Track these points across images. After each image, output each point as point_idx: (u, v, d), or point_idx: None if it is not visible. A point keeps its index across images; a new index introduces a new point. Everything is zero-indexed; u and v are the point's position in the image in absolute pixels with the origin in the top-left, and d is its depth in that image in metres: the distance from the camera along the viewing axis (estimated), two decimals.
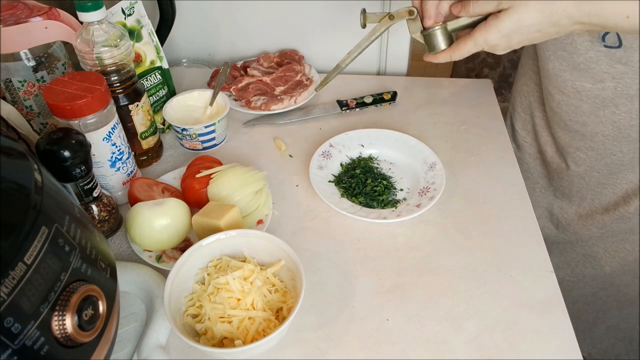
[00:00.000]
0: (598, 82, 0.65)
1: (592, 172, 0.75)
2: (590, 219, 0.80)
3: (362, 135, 0.81)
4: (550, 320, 0.56)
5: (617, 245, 0.79)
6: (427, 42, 0.59)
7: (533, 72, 0.81)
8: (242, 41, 1.04)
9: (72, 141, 0.57)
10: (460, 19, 0.56)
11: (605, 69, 0.63)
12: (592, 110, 0.68)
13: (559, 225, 0.85)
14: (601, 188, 0.76)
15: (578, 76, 0.67)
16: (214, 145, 0.82)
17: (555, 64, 0.69)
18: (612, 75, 0.63)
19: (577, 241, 0.83)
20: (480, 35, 0.54)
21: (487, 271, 0.62)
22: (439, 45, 0.59)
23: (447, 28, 0.58)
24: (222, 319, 0.51)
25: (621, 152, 0.70)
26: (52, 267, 0.33)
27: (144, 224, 0.61)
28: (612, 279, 0.82)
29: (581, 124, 0.71)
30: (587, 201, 0.79)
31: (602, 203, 0.78)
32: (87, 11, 0.62)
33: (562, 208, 0.84)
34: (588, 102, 0.68)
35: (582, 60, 0.65)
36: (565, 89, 0.69)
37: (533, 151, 0.87)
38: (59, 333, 0.33)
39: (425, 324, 0.56)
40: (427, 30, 0.58)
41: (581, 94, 0.68)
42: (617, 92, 0.64)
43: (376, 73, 1.05)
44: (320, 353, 0.53)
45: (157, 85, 0.83)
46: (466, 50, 0.56)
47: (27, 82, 0.69)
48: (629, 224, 0.75)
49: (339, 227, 0.68)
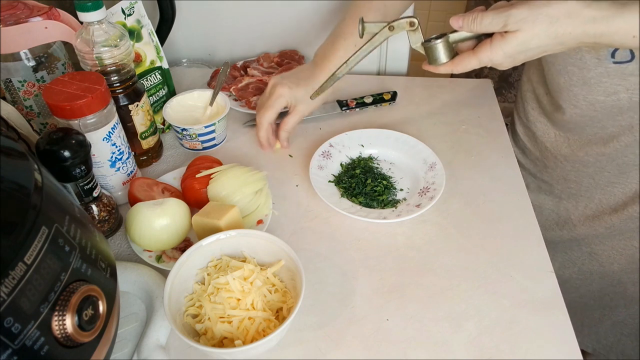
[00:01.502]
0: (612, 95, 0.64)
1: (603, 172, 0.75)
2: (597, 219, 0.79)
3: (362, 135, 0.81)
4: (550, 320, 0.56)
5: (624, 243, 0.78)
6: (428, 54, 0.58)
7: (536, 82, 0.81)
8: (242, 41, 1.04)
9: (72, 141, 0.57)
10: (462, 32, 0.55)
11: (617, 82, 0.63)
12: (609, 117, 0.68)
13: (564, 225, 0.85)
14: (611, 187, 0.76)
15: (589, 91, 0.66)
16: (214, 145, 0.82)
17: (566, 79, 0.68)
18: (625, 87, 0.63)
19: (583, 240, 0.83)
20: (485, 54, 0.53)
21: (487, 271, 0.62)
22: (440, 58, 0.57)
23: (449, 41, 0.56)
24: (222, 319, 0.51)
25: (634, 154, 0.70)
26: (52, 267, 0.33)
27: (144, 224, 0.61)
28: (619, 277, 0.82)
29: (600, 127, 0.70)
30: (595, 201, 0.79)
31: (610, 203, 0.77)
32: (87, 11, 0.62)
33: (568, 209, 0.83)
34: (603, 112, 0.67)
35: (592, 75, 0.64)
36: (578, 102, 0.69)
37: (534, 157, 0.87)
38: (59, 333, 0.33)
39: (425, 324, 0.56)
40: (429, 43, 0.57)
41: (595, 105, 0.67)
42: (632, 102, 0.64)
43: (376, 73, 1.05)
44: (320, 353, 0.53)
45: (157, 85, 0.83)
46: (469, 67, 0.55)
47: (27, 82, 0.69)
48: (637, 223, 0.75)
49: (339, 227, 0.68)
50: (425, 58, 0.59)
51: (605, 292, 0.85)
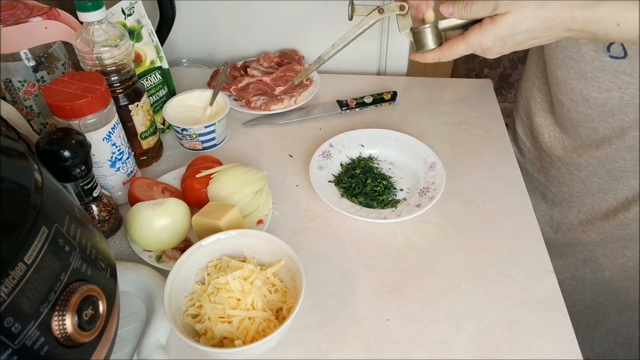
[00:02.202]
0: (605, 92, 0.65)
1: (594, 177, 0.75)
2: (590, 225, 0.80)
3: (362, 135, 0.81)
4: (550, 321, 0.56)
5: (616, 252, 0.79)
6: (416, 40, 0.58)
7: (536, 77, 0.81)
8: (242, 41, 1.04)
9: (72, 141, 0.57)
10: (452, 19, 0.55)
11: (611, 78, 0.63)
12: (601, 116, 0.68)
13: (558, 229, 0.85)
14: (602, 193, 0.76)
15: (585, 85, 0.66)
16: (214, 145, 0.82)
17: (564, 72, 0.69)
18: (617, 85, 0.63)
19: (577, 245, 0.83)
20: (475, 38, 0.53)
21: (487, 271, 0.62)
22: (428, 44, 0.57)
23: (437, 27, 0.56)
24: (222, 319, 0.51)
25: (624, 160, 0.70)
26: (52, 267, 0.33)
27: (144, 224, 0.61)
28: (611, 285, 0.82)
29: (592, 129, 0.71)
30: (587, 206, 0.79)
31: (602, 209, 0.78)
32: (87, 11, 0.62)
33: (562, 213, 0.84)
34: (596, 109, 0.68)
35: (588, 69, 0.65)
36: (574, 96, 0.69)
37: (532, 157, 0.87)
38: (59, 333, 0.33)
39: (425, 324, 0.56)
40: (417, 28, 0.57)
41: (589, 102, 0.68)
42: (623, 102, 0.64)
43: (376, 73, 1.05)
44: (320, 353, 0.53)
45: (157, 85, 0.83)
46: (458, 52, 0.55)
47: (27, 82, 0.69)
48: (628, 231, 0.75)
49: (339, 227, 0.68)
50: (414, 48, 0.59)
51: (598, 301, 0.85)
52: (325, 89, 0.96)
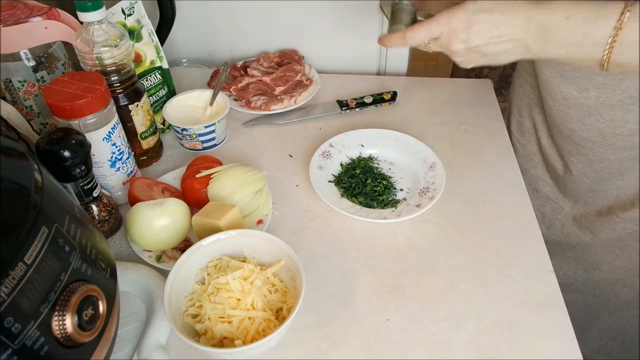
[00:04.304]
0: (583, 91, 0.66)
1: (583, 177, 0.76)
2: (582, 222, 0.80)
3: (362, 135, 0.81)
4: (550, 320, 0.56)
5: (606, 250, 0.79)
6: (393, 15, 0.59)
7: (528, 74, 0.82)
8: (242, 41, 1.04)
9: (72, 141, 0.57)
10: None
11: (588, 78, 0.64)
12: (579, 117, 0.69)
13: (551, 226, 0.85)
14: (592, 194, 0.77)
15: (566, 84, 0.67)
16: (214, 145, 0.82)
17: (546, 71, 0.70)
18: (594, 85, 0.64)
19: (567, 244, 0.83)
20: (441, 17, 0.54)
21: (487, 271, 0.62)
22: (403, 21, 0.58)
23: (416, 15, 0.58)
24: (222, 319, 0.51)
25: (608, 160, 0.71)
26: (52, 267, 0.33)
27: (144, 224, 0.61)
28: (601, 287, 0.83)
29: (570, 130, 0.72)
30: (579, 204, 0.80)
31: (592, 209, 0.78)
32: (87, 11, 0.62)
33: (555, 210, 0.84)
34: (575, 109, 0.69)
35: (568, 68, 0.66)
36: (556, 95, 0.70)
37: (526, 153, 0.87)
38: (59, 333, 0.33)
39: (425, 324, 0.56)
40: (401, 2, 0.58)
41: (569, 101, 0.68)
42: (599, 102, 0.65)
43: (376, 73, 1.05)
44: (320, 353, 0.53)
45: (157, 85, 0.83)
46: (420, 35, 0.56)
47: (27, 82, 0.69)
48: (616, 233, 0.76)
49: (339, 227, 0.68)
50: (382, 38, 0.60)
51: (588, 302, 0.86)
52: (325, 89, 0.96)
